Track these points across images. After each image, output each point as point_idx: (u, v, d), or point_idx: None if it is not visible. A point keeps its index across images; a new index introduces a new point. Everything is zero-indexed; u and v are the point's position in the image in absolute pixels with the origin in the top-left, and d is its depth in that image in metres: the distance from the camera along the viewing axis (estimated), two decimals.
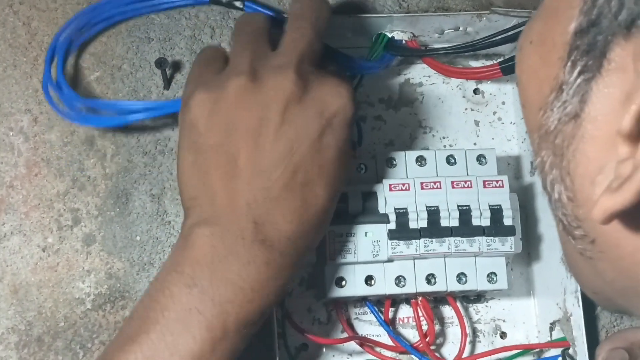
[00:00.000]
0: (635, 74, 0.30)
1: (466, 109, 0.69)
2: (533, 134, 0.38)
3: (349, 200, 0.59)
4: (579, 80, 0.33)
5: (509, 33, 0.62)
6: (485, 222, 0.60)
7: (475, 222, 0.60)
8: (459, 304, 0.65)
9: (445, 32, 0.66)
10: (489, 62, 0.68)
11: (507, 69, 0.64)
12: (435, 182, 0.61)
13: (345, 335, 0.63)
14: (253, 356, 0.61)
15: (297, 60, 0.52)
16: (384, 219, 0.59)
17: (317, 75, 0.53)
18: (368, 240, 0.59)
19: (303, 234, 0.51)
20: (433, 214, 0.60)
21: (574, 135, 0.34)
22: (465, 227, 0.60)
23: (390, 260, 0.60)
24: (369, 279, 0.60)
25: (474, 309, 0.67)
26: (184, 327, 0.47)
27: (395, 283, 0.60)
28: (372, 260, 0.60)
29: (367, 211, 0.60)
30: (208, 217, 0.50)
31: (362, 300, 0.64)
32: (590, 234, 0.36)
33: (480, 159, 0.63)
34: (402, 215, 0.59)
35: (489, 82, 0.69)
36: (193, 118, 0.52)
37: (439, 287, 0.61)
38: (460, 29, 0.65)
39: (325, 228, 0.55)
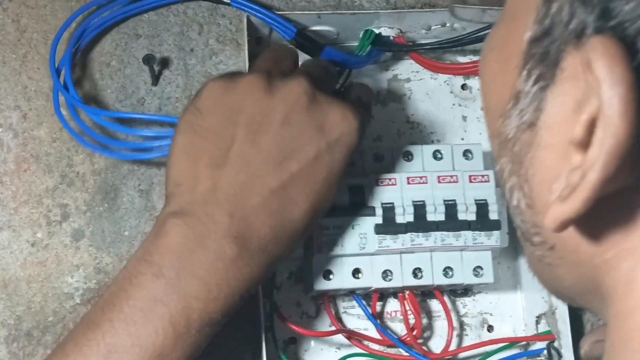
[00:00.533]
0: (585, 83, 0.30)
1: (454, 104, 0.70)
2: (494, 141, 0.38)
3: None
4: (534, 89, 0.34)
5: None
6: (471, 217, 0.60)
7: (461, 216, 0.60)
8: (446, 298, 0.65)
9: (432, 28, 0.66)
10: (476, 58, 0.69)
11: None
12: (421, 177, 0.61)
13: (333, 328, 0.64)
14: (241, 350, 0.62)
15: (309, 74, 0.54)
16: (371, 211, 0.60)
17: (329, 97, 0.53)
18: (355, 232, 0.60)
19: (275, 240, 0.51)
20: (419, 208, 0.60)
21: (531, 143, 0.34)
22: (451, 222, 0.60)
23: (377, 254, 0.61)
24: (356, 272, 0.61)
25: (461, 303, 0.67)
26: (147, 319, 0.47)
27: (382, 277, 0.61)
28: (359, 253, 0.60)
29: (354, 204, 0.60)
30: (185, 207, 0.50)
31: (350, 294, 0.64)
32: (549, 240, 0.37)
33: (467, 154, 0.63)
34: (388, 209, 0.60)
35: (476, 78, 0.70)
36: (199, 102, 0.52)
37: (425, 280, 0.61)
38: (447, 24, 0.66)
39: (298, 244, 0.54)
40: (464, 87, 0.70)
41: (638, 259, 0.33)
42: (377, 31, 0.65)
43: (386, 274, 0.61)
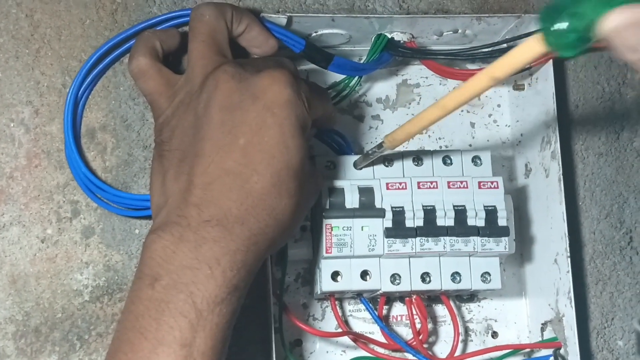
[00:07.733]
0: None
1: (462, 111, 0.70)
2: None
3: (346, 193, 0.60)
4: None
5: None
6: (480, 223, 0.61)
7: (471, 222, 0.61)
8: (452, 303, 0.65)
9: (444, 34, 0.66)
10: (485, 65, 0.69)
11: None
12: (431, 182, 0.61)
13: (340, 330, 0.64)
14: (250, 351, 0.62)
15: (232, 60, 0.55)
16: (381, 213, 0.60)
17: (255, 69, 0.54)
18: (364, 234, 0.60)
19: (249, 212, 0.51)
20: (429, 213, 0.60)
21: None
22: (461, 227, 0.61)
23: (386, 257, 0.61)
24: (364, 274, 0.61)
25: (466, 309, 0.67)
26: (158, 321, 0.48)
27: (391, 281, 0.61)
28: (368, 255, 0.60)
29: (364, 206, 0.60)
30: (162, 221, 0.51)
31: (356, 297, 0.64)
32: None
33: (476, 160, 0.63)
34: (398, 213, 0.60)
35: None
36: (160, 135, 0.55)
37: (433, 285, 0.61)
38: (459, 31, 0.66)
39: (278, 212, 0.53)
40: None
41: None
42: (389, 36, 0.66)
43: (394, 278, 0.61)
